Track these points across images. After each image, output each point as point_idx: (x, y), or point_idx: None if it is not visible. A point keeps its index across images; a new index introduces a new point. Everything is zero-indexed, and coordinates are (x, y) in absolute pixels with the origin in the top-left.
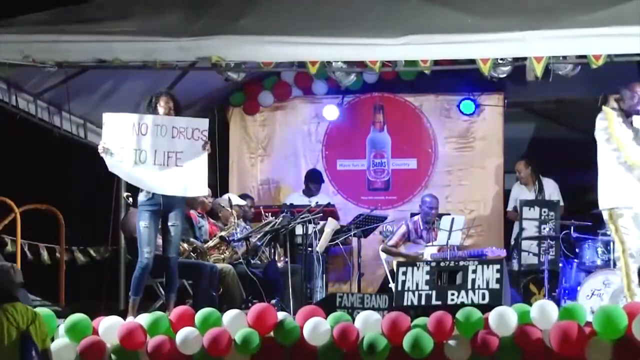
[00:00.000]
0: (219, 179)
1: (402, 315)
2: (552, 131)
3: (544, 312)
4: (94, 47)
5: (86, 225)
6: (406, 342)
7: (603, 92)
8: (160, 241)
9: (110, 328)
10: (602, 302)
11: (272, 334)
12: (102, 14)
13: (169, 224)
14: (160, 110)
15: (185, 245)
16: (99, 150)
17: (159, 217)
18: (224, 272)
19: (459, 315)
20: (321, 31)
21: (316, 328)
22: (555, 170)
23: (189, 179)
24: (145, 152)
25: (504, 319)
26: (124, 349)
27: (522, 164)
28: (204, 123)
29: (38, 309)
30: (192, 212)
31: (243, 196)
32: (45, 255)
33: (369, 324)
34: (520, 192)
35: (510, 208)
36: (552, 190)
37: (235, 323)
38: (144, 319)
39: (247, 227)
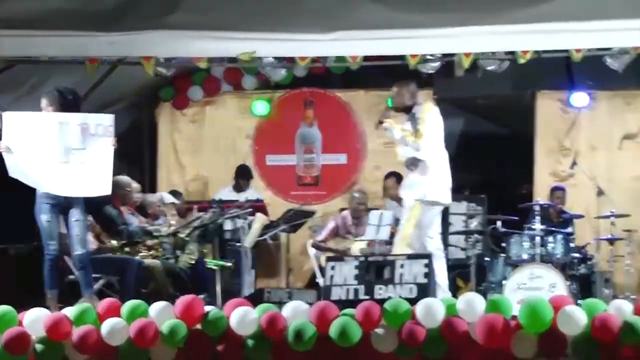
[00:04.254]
0: (147, 174)
1: (330, 305)
2: (480, 126)
3: (471, 304)
4: (22, 42)
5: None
6: (333, 330)
7: (531, 89)
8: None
9: (36, 320)
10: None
11: (199, 325)
12: (31, 7)
13: (73, 219)
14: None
15: (114, 242)
16: (1, 149)
17: (59, 210)
18: (152, 268)
19: (387, 305)
20: (251, 26)
21: (244, 317)
22: (483, 165)
23: (92, 177)
24: (48, 151)
25: (431, 310)
26: (49, 340)
27: (392, 180)
28: (108, 119)
29: None
30: (122, 208)
31: (173, 192)
32: None
33: (297, 313)
34: (395, 210)
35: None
36: None
37: (163, 314)
38: (70, 311)
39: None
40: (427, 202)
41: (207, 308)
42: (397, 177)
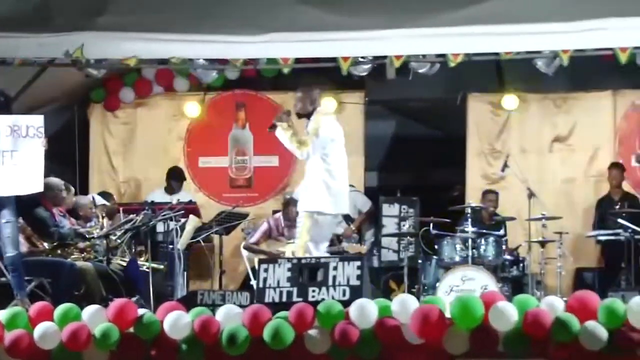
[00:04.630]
0: (79, 176)
1: (263, 308)
2: (412, 129)
3: (405, 306)
4: None
5: None
6: (267, 333)
7: (462, 91)
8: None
9: None
10: None
11: (132, 329)
12: None
13: (3, 221)
14: None
15: (46, 244)
16: None
17: None
18: (84, 270)
19: (320, 307)
20: (183, 28)
21: (177, 321)
22: (415, 167)
23: (24, 176)
24: None
25: (365, 311)
26: None
27: None
28: (38, 120)
29: None
30: (53, 210)
31: (104, 194)
32: None
33: (230, 316)
34: None
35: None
36: (353, 202)
37: (95, 318)
38: (1, 314)
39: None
40: (312, 212)
41: (140, 311)
42: None
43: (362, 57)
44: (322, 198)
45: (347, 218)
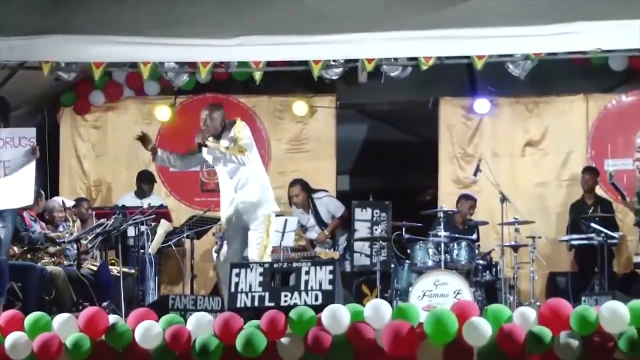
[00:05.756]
0: (49, 180)
1: (235, 316)
2: (384, 133)
3: (378, 311)
4: None
5: None
6: (239, 342)
7: (433, 95)
8: None
9: None
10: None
11: (103, 337)
12: None
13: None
14: None
15: (16, 249)
16: None
17: None
18: (54, 274)
19: (292, 314)
20: (153, 31)
21: (147, 331)
22: (386, 171)
23: (16, 188)
24: None
25: (337, 317)
26: None
27: (297, 188)
28: (31, 132)
29: None
30: (24, 214)
31: (79, 200)
32: None
33: (201, 325)
34: (301, 217)
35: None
36: (326, 207)
37: (66, 327)
38: None
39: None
40: (271, 213)
41: (111, 319)
42: (302, 184)
43: (334, 61)
44: (272, 197)
45: (321, 223)
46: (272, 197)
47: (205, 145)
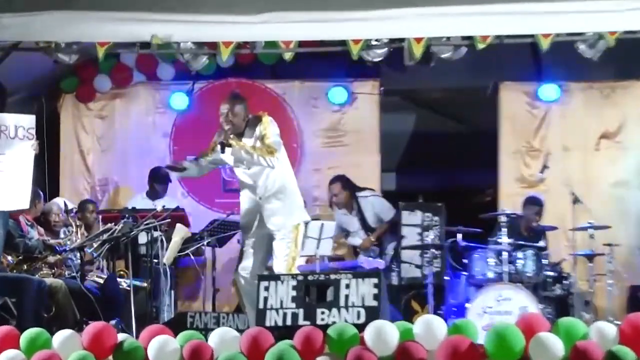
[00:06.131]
0: (48, 179)
1: (264, 331)
2: (435, 123)
3: (430, 328)
4: None
5: None
6: None
7: (492, 80)
8: None
9: None
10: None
11: (111, 357)
12: None
13: None
14: None
15: (10, 258)
16: None
17: None
18: (54, 288)
19: (331, 331)
20: (166, 7)
21: (163, 347)
22: (440, 168)
23: (11, 187)
24: None
25: (383, 335)
26: None
27: (338, 186)
28: (29, 120)
29: None
30: (20, 218)
31: (83, 202)
32: None
33: (225, 341)
34: (343, 219)
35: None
36: (373, 208)
37: (68, 345)
38: None
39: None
40: (300, 222)
41: (120, 336)
42: (343, 182)
43: (376, 40)
44: (302, 204)
45: (366, 227)
46: (301, 204)
47: (230, 145)
